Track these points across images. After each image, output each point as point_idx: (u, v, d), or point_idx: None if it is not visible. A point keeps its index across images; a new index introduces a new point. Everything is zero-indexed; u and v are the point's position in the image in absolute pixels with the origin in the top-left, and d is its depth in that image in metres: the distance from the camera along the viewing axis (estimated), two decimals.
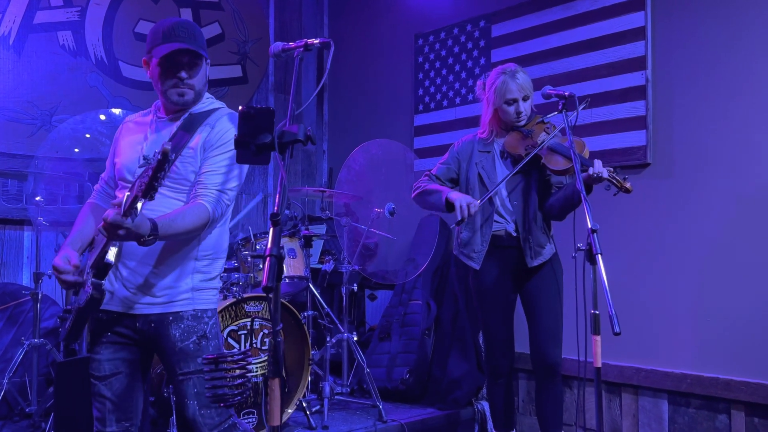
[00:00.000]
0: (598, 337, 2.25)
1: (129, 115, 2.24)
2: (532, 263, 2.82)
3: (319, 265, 3.83)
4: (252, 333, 3.02)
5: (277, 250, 1.40)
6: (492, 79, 2.86)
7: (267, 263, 1.39)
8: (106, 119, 3.85)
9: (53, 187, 3.72)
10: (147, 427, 2.66)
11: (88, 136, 3.79)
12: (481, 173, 2.88)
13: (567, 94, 2.68)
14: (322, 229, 4.41)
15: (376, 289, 4.44)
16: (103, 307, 1.91)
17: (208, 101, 2.11)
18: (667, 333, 3.30)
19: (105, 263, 1.76)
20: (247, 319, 3.01)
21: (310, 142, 1.57)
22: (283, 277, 1.73)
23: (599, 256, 2.23)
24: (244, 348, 2.97)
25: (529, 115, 2.87)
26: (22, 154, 3.79)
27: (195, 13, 4.60)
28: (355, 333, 3.64)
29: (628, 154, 3.44)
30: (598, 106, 3.53)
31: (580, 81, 3.64)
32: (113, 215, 1.62)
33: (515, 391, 3.78)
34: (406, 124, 4.65)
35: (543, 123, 2.85)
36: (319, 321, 3.73)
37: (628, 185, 2.59)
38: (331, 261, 3.70)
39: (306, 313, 3.59)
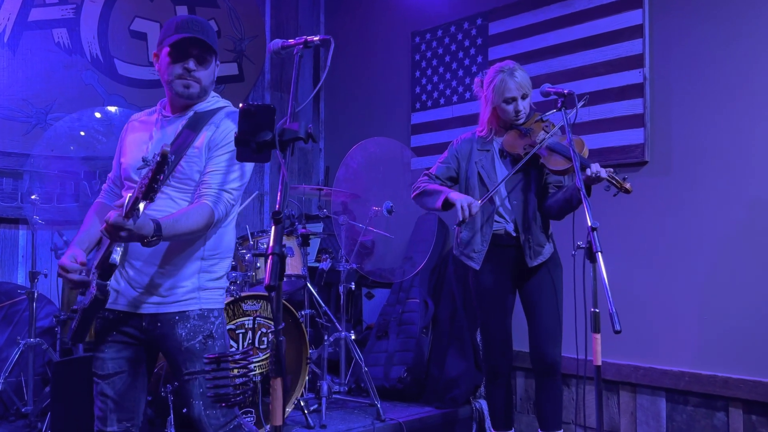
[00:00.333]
0: (598, 336, 2.25)
1: (134, 114, 2.22)
2: (532, 263, 2.82)
3: (317, 264, 3.81)
4: (252, 332, 3.01)
5: (280, 248, 1.39)
6: (490, 77, 2.84)
7: (269, 261, 1.38)
8: (101, 117, 3.83)
9: (49, 186, 3.71)
10: (144, 427, 2.64)
11: (84, 134, 3.77)
12: (481, 172, 2.87)
13: (566, 91, 2.67)
14: (320, 227, 4.39)
15: (374, 287, 4.43)
16: (109, 306, 1.90)
17: (214, 100, 2.10)
18: (665, 331, 3.30)
19: (109, 264, 1.75)
20: (245, 318, 3.00)
21: (310, 140, 1.56)
22: None
23: (599, 254, 2.22)
24: (242, 347, 2.96)
25: (528, 113, 2.85)
26: (17, 152, 3.77)
27: (191, 10, 4.57)
28: (352, 332, 3.63)
29: (626, 151, 3.44)
30: (595, 104, 3.53)
31: (578, 79, 3.64)
32: (114, 217, 1.61)
33: (513, 390, 3.78)
34: (402, 122, 4.64)
35: (542, 121, 2.84)
36: (316, 320, 3.72)
37: (628, 186, 2.58)
38: (329, 259, 3.69)
39: (303, 312, 3.58)
